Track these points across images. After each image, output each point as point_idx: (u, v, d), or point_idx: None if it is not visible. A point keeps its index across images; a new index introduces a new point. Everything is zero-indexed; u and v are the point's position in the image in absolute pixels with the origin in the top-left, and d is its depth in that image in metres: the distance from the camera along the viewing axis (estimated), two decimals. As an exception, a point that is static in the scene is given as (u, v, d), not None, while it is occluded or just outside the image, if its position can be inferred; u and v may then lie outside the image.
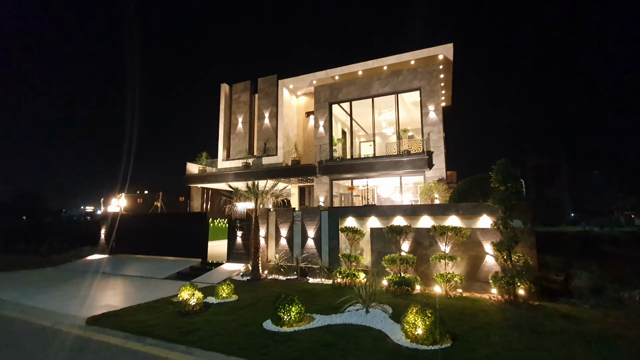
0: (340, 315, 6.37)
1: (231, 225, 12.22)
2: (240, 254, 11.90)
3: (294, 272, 10.74)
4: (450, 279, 8.00)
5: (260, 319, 6.32)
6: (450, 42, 15.15)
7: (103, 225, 15.47)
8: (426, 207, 9.47)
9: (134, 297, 8.32)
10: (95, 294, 8.92)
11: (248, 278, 10.44)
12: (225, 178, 18.98)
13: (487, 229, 8.55)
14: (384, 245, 9.63)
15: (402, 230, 8.75)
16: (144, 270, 12.09)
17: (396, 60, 16.05)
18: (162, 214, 16.40)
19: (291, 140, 19.51)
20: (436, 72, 15.42)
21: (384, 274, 9.34)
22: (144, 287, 9.69)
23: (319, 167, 16.79)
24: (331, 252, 10.45)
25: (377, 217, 10.04)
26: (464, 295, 8.12)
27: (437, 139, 14.85)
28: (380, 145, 21.43)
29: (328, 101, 17.66)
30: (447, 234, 8.35)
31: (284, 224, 11.39)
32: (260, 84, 20.68)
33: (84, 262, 14.29)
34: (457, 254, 8.60)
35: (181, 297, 7.70)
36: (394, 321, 5.99)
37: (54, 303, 7.81)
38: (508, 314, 6.56)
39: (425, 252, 9.10)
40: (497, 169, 7.81)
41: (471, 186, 9.23)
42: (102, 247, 15.31)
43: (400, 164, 14.61)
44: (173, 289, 9.24)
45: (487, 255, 8.51)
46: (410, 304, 5.49)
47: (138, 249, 14.76)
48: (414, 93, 16.50)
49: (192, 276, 11.09)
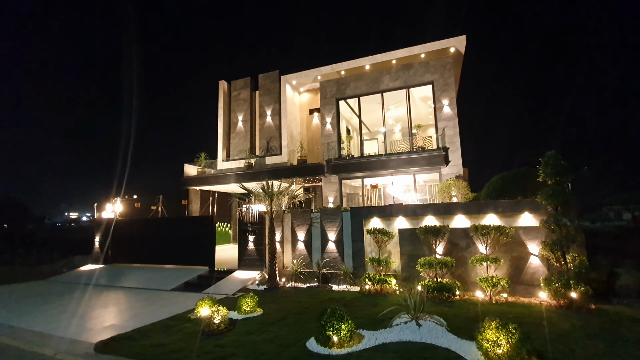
0: (390, 331, 5.58)
1: (242, 229, 11.30)
2: (252, 260, 10.99)
3: (314, 278, 9.91)
4: (497, 283, 7.31)
5: (299, 337, 5.49)
6: (463, 34, 14.62)
7: (97, 232, 14.29)
8: (460, 205, 8.78)
9: (144, 315, 7.34)
10: (97, 311, 7.88)
11: (265, 287, 9.55)
12: (227, 179, 18.01)
13: (530, 227, 7.92)
14: (414, 248, 8.91)
15: (439, 231, 8.03)
16: (146, 281, 11.04)
17: (406, 53, 15.43)
18: (164, 219, 15.31)
19: (295, 139, 18.66)
20: (449, 65, 14.82)
21: (416, 278, 8.62)
22: (150, 301, 8.70)
23: (327, 166, 16.00)
24: (355, 256, 9.66)
25: (406, 217, 9.30)
26: (510, 300, 7.45)
27: (452, 134, 14.25)
28: (382, 143, 20.80)
29: (335, 97, 16.89)
30: (490, 234, 7.66)
31: (300, 226, 10.55)
32: (261, 81, 19.75)
33: (78, 273, 13.10)
34: (497, 255, 7.93)
35: (198, 312, 6.82)
36: (457, 336, 5.24)
37: (52, 324, 6.77)
38: (574, 321, 5.89)
39: (462, 254, 8.41)
40: (547, 162, 7.16)
41: (508, 182, 8.59)
42: (97, 255, 14.13)
43: (415, 161, 13.96)
44: (185, 302, 8.30)
45: (531, 256, 7.86)
46: (459, 313, 4.83)
47: (136, 258, 13.64)
48: (423, 88, 15.88)
49: (202, 286, 10.13)
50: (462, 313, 6.56)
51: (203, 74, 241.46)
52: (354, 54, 16.68)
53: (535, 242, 7.84)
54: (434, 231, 8.05)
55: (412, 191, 16.99)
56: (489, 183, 9.50)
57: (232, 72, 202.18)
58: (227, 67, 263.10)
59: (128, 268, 13.05)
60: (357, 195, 19.41)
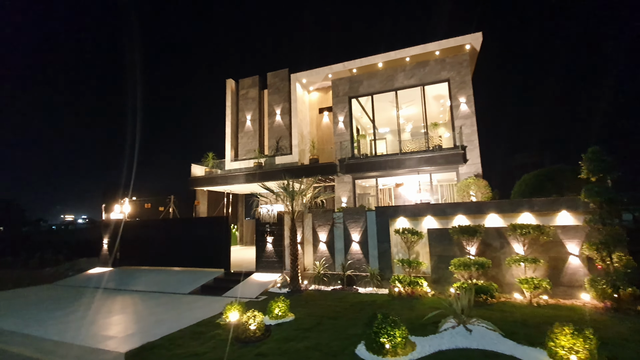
0: (441, 337, 5.22)
1: (259, 230, 10.90)
2: (270, 262, 10.59)
3: (337, 281, 9.54)
4: (539, 284, 6.99)
5: (344, 344, 5.12)
6: (479, 32, 14.38)
7: (105, 233, 13.81)
8: (493, 204, 8.46)
9: (168, 320, 6.93)
10: (115, 316, 7.45)
11: (288, 290, 9.17)
12: (236, 179, 17.60)
13: (569, 226, 7.62)
14: (445, 248, 8.58)
15: (475, 230, 7.70)
16: (160, 285, 10.60)
17: (420, 50, 15.15)
18: (176, 220, 14.84)
19: (305, 138, 18.31)
20: (466, 62, 14.57)
21: (447, 280, 8.30)
22: (170, 305, 8.27)
23: (340, 165, 15.67)
24: (381, 257, 9.31)
25: (434, 216, 8.98)
26: (550, 302, 7.13)
27: (470, 133, 13.98)
28: (393, 142, 20.49)
29: (347, 95, 16.58)
30: (530, 234, 7.34)
31: (322, 227, 10.18)
32: (270, 79, 19.39)
33: (86, 276, 12.61)
34: (534, 255, 7.63)
35: (227, 317, 6.44)
36: (515, 342, 4.90)
37: (70, 332, 6.34)
38: (629, 324, 5.58)
39: (496, 255, 8.09)
40: (590, 157, 6.87)
41: (543, 179, 8.30)
42: (105, 258, 13.64)
43: (432, 160, 13.64)
44: (208, 307, 7.90)
45: (570, 256, 7.56)
46: (503, 316, 4.52)
47: (146, 260, 13.18)
48: (437, 86, 15.64)
49: (220, 289, 9.72)
50: (507, 317, 6.24)
51: (212, 72, 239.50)
52: (364, 53, 16.29)
53: (575, 241, 7.54)
54: (470, 231, 7.72)
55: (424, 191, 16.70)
56: (520, 181, 9.20)
57: (238, 71, 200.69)
58: (232, 66, 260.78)
59: (138, 271, 12.59)
60: (366, 195, 19.06)
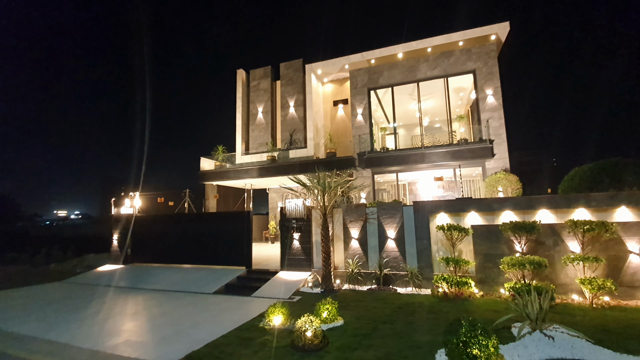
0: (524, 346, 4.70)
1: (285, 225, 10.31)
2: (297, 260, 10.03)
3: (372, 280, 9.01)
4: (603, 285, 6.51)
5: (417, 354, 4.58)
6: (507, 21, 13.82)
7: (115, 229, 13.13)
8: (544, 199, 7.95)
9: (205, 323, 6.34)
10: (142, 319, 6.84)
11: (321, 290, 8.62)
12: (248, 173, 16.95)
13: (630, 222, 7.14)
14: (491, 246, 8.08)
15: (533, 227, 7.18)
16: (180, 283, 9.99)
17: (444, 40, 14.57)
18: (192, 215, 14.18)
19: (320, 131, 17.69)
20: (493, 53, 14.03)
21: (494, 280, 7.82)
22: (199, 306, 7.67)
23: (359, 159, 15.10)
24: (420, 256, 8.78)
25: (479, 212, 8.45)
26: (612, 304, 6.66)
27: (497, 126, 13.47)
28: (405, 137, 19.98)
29: (367, 87, 15.97)
30: (593, 231, 6.85)
31: (354, 222, 9.62)
32: (282, 70, 18.69)
33: (96, 273, 11.94)
34: (593, 254, 7.15)
35: (270, 321, 5.89)
36: (611, 350, 4.40)
37: (99, 337, 5.73)
38: None
39: (549, 253, 7.60)
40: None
41: (600, 173, 7.80)
42: (115, 255, 12.97)
43: (459, 154, 13.13)
44: (240, 308, 7.34)
45: (630, 254, 7.09)
46: (573, 320, 3.97)
47: (160, 257, 12.54)
48: (457, 78, 15.12)
49: (247, 289, 9.15)
50: (578, 321, 5.75)
51: (222, 62, 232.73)
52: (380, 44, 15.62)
53: (635, 239, 7.07)
54: (526, 227, 7.20)
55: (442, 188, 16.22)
56: (570, 175, 8.71)
57: (248, 62, 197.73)
58: (242, 56, 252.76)
59: (153, 268, 11.95)
60: (382, 191, 18.57)
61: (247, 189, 20.16)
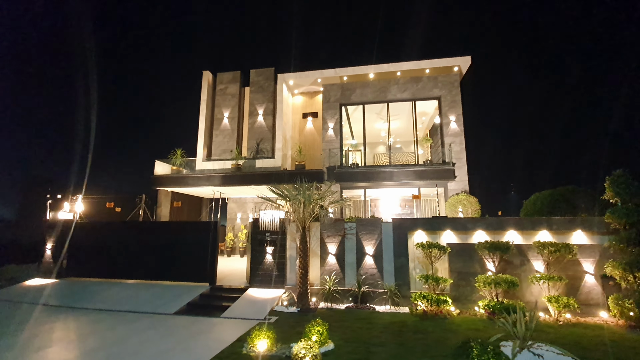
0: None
1: (256, 238, 9.68)
2: (269, 276, 9.42)
3: (349, 298, 8.76)
4: (567, 303, 7.04)
5: (422, 379, 4.39)
6: (469, 55, 15.08)
7: (49, 236, 11.21)
8: (512, 221, 8.50)
9: (171, 352, 5.48)
10: (91, 347, 5.72)
11: (297, 309, 8.13)
12: (210, 181, 15.90)
13: (585, 245, 7.91)
14: (465, 264, 8.38)
15: (507, 247, 7.59)
16: (131, 302, 8.74)
17: (413, 66, 15.44)
18: (148, 223, 12.67)
19: (288, 142, 17.37)
20: (457, 83, 15.14)
21: (467, 298, 8.09)
22: (161, 330, 6.70)
23: (329, 173, 15.06)
24: (398, 273, 8.78)
25: (454, 230, 8.76)
26: (573, 321, 7.22)
27: (459, 150, 14.40)
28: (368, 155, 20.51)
29: (339, 102, 16.14)
30: (557, 252, 7.43)
31: (331, 237, 9.36)
32: (253, 76, 18.15)
33: (23, 288, 9.98)
34: (554, 273, 7.76)
35: (254, 346, 5.33)
36: (598, 369, 4.65)
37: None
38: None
39: (516, 272, 8.09)
40: (615, 181, 7.21)
41: (557, 199, 8.59)
42: (48, 266, 11.03)
43: (424, 174, 13.71)
44: (211, 331, 6.58)
45: (585, 274, 7.83)
46: (546, 337, 4.22)
47: (105, 271, 10.93)
48: (422, 103, 16.07)
49: (213, 308, 8.30)
50: (552, 337, 6.08)
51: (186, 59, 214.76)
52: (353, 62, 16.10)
53: (590, 260, 7.84)
54: (501, 247, 7.59)
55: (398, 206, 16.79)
56: (531, 199, 9.47)
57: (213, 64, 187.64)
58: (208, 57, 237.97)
59: (95, 284, 10.35)
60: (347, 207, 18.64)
61: (214, 198, 18.85)
